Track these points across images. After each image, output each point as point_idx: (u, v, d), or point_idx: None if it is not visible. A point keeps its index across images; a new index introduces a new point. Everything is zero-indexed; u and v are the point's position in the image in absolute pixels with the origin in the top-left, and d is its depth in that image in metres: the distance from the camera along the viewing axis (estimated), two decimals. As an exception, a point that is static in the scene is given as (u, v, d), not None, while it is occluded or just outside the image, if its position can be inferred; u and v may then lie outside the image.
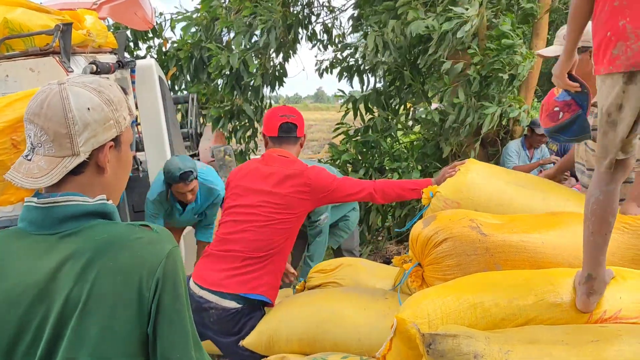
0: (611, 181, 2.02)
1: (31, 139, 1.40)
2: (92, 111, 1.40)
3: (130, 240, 1.38)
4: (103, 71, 3.34)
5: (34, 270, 1.36)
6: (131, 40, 7.38)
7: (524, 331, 2.01)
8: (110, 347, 1.33)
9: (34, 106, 1.39)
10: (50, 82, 1.43)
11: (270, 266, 3.06)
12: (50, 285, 1.34)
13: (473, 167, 2.95)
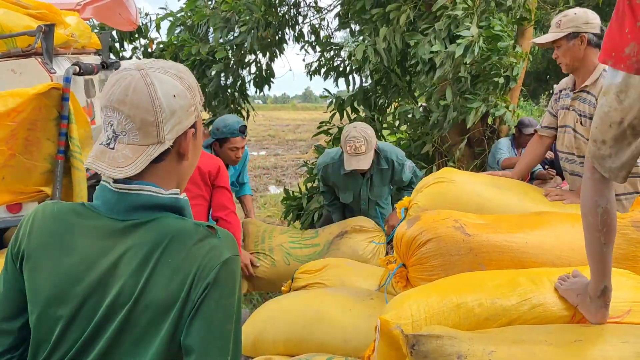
0: (611, 188, 1.95)
1: (113, 127, 1.36)
2: (178, 98, 1.39)
3: (191, 241, 1.36)
4: (86, 72, 3.32)
5: (100, 253, 1.37)
6: (116, 41, 7.33)
7: (508, 331, 2.01)
8: (147, 348, 1.33)
9: (117, 93, 1.35)
10: (127, 68, 1.40)
11: None
12: (111, 271, 1.35)
13: (448, 175, 2.96)
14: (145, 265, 1.34)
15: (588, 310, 2.04)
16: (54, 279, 1.38)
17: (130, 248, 1.36)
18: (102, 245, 1.38)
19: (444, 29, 5.57)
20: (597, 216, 1.94)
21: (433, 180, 2.98)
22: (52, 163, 2.97)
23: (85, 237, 1.39)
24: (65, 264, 1.38)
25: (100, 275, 1.35)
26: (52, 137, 2.91)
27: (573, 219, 2.61)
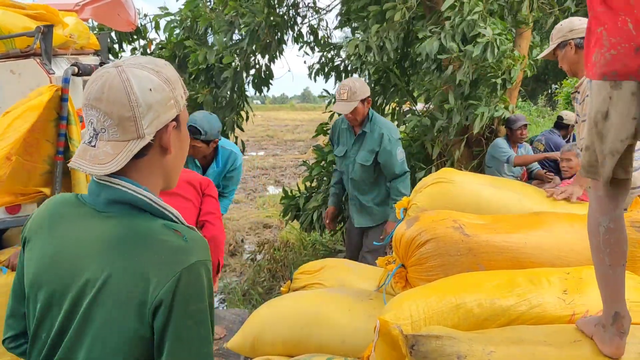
0: (617, 206, 1.87)
1: (93, 125, 1.37)
2: (154, 92, 1.39)
3: (156, 241, 1.37)
4: (85, 73, 3.31)
5: (75, 241, 1.40)
6: (115, 43, 7.33)
7: (507, 331, 2.01)
8: (106, 343, 1.34)
9: (94, 91, 1.37)
10: (106, 66, 1.41)
11: None
12: (81, 261, 1.38)
13: (447, 175, 2.96)
14: (109, 261, 1.35)
15: (602, 340, 1.90)
16: (37, 263, 1.44)
17: (99, 240, 1.38)
18: (78, 235, 1.41)
19: (458, 30, 5.56)
20: (599, 236, 1.87)
21: (432, 180, 2.98)
22: (51, 164, 2.98)
23: (68, 225, 1.44)
24: (47, 249, 1.43)
25: (71, 263, 1.39)
26: (51, 139, 2.91)
27: (572, 219, 2.61)
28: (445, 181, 2.94)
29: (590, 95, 1.88)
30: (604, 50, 1.78)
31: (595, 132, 1.82)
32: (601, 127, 1.81)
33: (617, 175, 1.83)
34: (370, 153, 4.55)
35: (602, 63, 1.78)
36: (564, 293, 2.18)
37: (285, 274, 6.75)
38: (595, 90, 1.83)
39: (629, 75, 1.75)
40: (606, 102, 1.79)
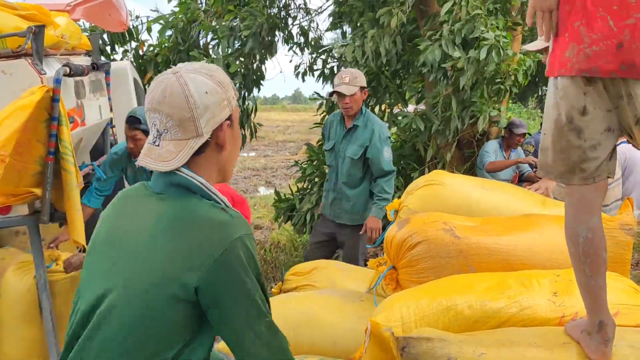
0: (593, 213, 1.86)
1: (157, 127, 1.54)
2: (209, 94, 1.55)
3: (203, 217, 1.51)
4: (76, 73, 3.31)
5: (132, 216, 1.59)
6: (107, 44, 7.30)
7: (497, 333, 2.02)
8: (149, 305, 1.46)
9: (156, 96, 1.52)
10: (165, 73, 1.57)
11: None
12: (133, 234, 1.54)
13: (438, 177, 2.97)
14: (159, 232, 1.50)
15: (588, 347, 1.91)
16: (98, 231, 1.67)
17: (151, 216, 1.54)
18: (135, 210, 1.60)
19: (462, 34, 5.56)
20: (579, 246, 1.87)
21: (423, 182, 2.99)
22: (42, 165, 2.96)
23: (129, 202, 1.65)
24: (108, 222, 1.66)
25: (124, 233, 1.57)
26: (42, 139, 2.90)
27: (562, 221, 2.61)
28: (436, 183, 2.95)
29: (555, 93, 1.86)
30: (584, 45, 1.77)
31: (570, 129, 1.82)
32: (578, 122, 1.80)
33: (594, 174, 1.84)
34: (360, 147, 4.54)
35: (582, 59, 1.77)
36: (554, 295, 2.20)
37: (276, 275, 6.74)
38: (566, 86, 1.81)
39: (611, 72, 1.76)
40: (581, 97, 1.79)
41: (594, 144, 1.81)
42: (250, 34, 6.65)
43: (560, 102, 1.83)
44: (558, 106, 1.84)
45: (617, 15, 1.73)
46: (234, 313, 1.49)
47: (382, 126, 4.62)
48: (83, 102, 3.68)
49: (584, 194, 1.86)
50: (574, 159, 1.84)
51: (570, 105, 1.80)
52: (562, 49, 1.83)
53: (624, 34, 1.73)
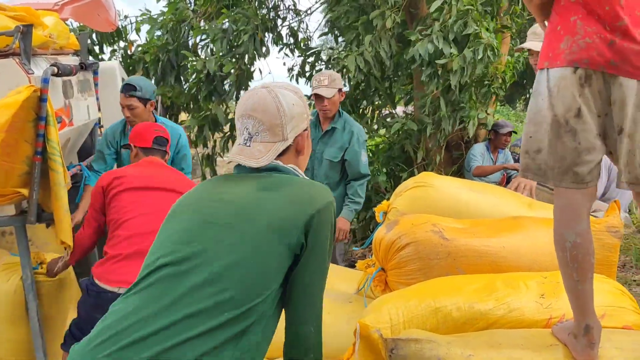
0: (582, 218, 1.87)
1: (249, 130, 1.77)
2: (295, 106, 1.80)
3: (302, 183, 1.74)
4: (64, 73, 3.29)
5: (235, 188, 1.74)
6: (96, 44, 7.26)
7: (485, 335, 2.03)
8: (259, 251, 1.61)
9: (250, 104, 1.77)
10: (255, 87, 1.85)
11: None
12: (240, 198, 1.70)
13: (427, 179, 2.99)
14: (263, 191, 1.69)
15: (575, 349, 1.92)
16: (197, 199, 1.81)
17: (254, 185, 1.71)
18: (236, 184, 1.76)
19: (454, 30, 5.56)
20: (566, 251, 1.88)
21: (412, 184, 3.00)
22: (30, 165, 2.94)
23: (226, 182, 1.80)
24: (210, 190, 1.81)
25: (224, 194, 1.72)
26: (29, 139, 2.88)
27: (549, 223, 2.61)
28: (425, 185, 2.96)
29: (547, 91, 1.86)
30: (578, 37, 1.80)
31: (566, 131, 1.82)
32: (574, 124, 1.81)
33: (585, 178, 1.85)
34: (340, 150, 4.51)
35: (575, 50, 1.80)
36: (542, 297, 2.21)
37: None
38: (560, 85, 1.82)
39: (601, 65, 1.78)
40: (576, 99, 1.80)
41: (588, 147, 1.83)
42: (248, 36, 6.64)
43: (554, 102, 1.83)
44: (553, 107, 1.84)
45: (610, 16, 1.77)
46: (316, 261, 1.67)
47: (360, 129, 4.62)
48: (71, 102, 3.66)
49: (573, 198, 1.87)
50: (568, 161, 1.84)
51: (566, 106, 1.81)
52: (557, 41, 1.85)
53: (616, 34, 1.77)
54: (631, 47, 1.78)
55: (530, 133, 1.92)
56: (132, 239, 3.02)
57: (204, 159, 7.38)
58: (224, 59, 6.72)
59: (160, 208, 3.03)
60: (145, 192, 3.15)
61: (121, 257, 3.01)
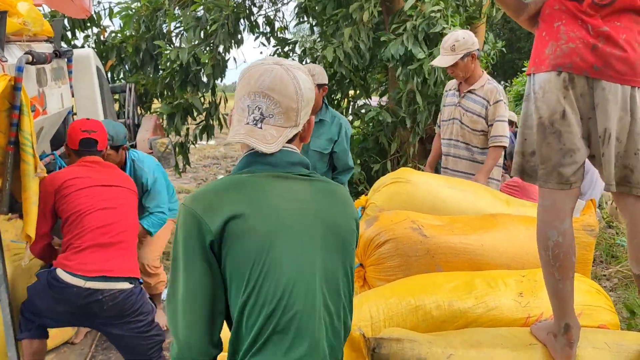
0: (565, 217, 1.89)
1: (261, 110, 1.62)
2: (310, 91, 1.67)
3: (341, 191, 1.76)
4: (39, 61, 3.22)
5: (290, 201, 1.62)
6: (68, 29, 7.14)
7: (465, 334, 2.05)
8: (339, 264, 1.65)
9: (267, 81, 1.61)
10: (265, 62, 1.67)
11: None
12: (301, 213, 1.62)
13: (405, 175, 2.99)
14: (330, 205, 1.68)
15: (553, 348, 1.95)
16: (263, 227, 1.62)
17: (315, 192, 1.67)
18: (286, 195, 1.63)
19: (420, 30, 5.59)
20: (549, 250, 1.90)
21: (390, 180, 3.00)
22: (3, 155, 2.88)
23: (271, 192, 1.62)
24: (266, 214, 1.62)
25: (296, 214, 1.62)
26: (3, 129, 2.81)
27: (527, 221, 2.66)
28: (402, 181, 2.96)
29: (533, 94, 1.90)
30: (562, 42, 1.84)
31: (551, 132, 1.86)
32: (559, 126, 1.84)
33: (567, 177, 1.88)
34: (329, 142, 4.49)
35: (558, 54, 1.83)
36: (520, 296, 2.23)
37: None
38: (545, 89, 1.85)
39: (583, 70, 1.82)
40: (561, 102, 1.83)
41: (572, 149, 1.86)
42: (217, 26, 6.60)
43: (539, 105, 1.87)
44: (538, 110, 1.87)
45: (594, 24, 1.81)
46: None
47: (347, 122, 4.60)
48: (45, 90, 3.58)
49: (556, 199, 1.90)
50: (553, 162, 1.87)
51: (551, 108, 1.84)
52: (541, 47, 1.89)
53: (599, 39, 1.81)
54: (613, 52, 1.81)
55: (525, 135, 1.95)
56: (102, 230, 3.19)
57: (177, 146, 7.33)
58: (197, 48, 6.67)
59: (119, 203, 3.35)
60: (101, 189, 3.33)
61: (95, 247, 3.15)
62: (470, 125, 4.28)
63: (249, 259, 1.51)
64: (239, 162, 1.72)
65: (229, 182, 1.63)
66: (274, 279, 1.51)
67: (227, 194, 1.58)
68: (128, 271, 3.20)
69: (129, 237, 3.32)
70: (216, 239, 1.52)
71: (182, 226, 1.56)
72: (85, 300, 3.09)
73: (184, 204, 1.58)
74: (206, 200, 1.57)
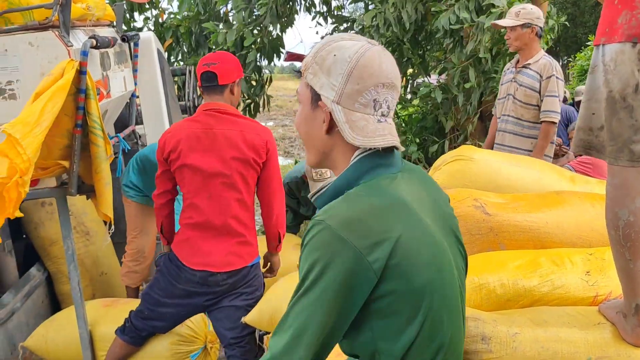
0: (637, 193, 1.79)
1: (388, 103, 1.46)
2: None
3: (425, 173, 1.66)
4: (103, 45, 3.29)
5: (431, 208, 1.52)
6: (127, 12, 7.29)
7: (531, 313, 2.01)
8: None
9: (390, 69, 1.44)
10: (368, 45, 1.45)
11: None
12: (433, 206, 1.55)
13: (466, 153, 2.95)
14: (439, 199, 1.61)
15: (624, 329, 1.88)
16: (423, 259, 1.52)
17: (429, 188, 1.59)
18: (419, 198, 1.51)
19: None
20: (619, 230, 1.81)
21: (451, 158, 2.97)
22: (70, 138, 2.97)
23: (414, 209, 1.45)
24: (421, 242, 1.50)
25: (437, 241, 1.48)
26: (69, 112, 2.90)
27: (593, 198, 2.60)
28: (464, 159, 2.92)
29: (603, 67, 1.81)
30: (637, 11, 1.73)
31: (622, 107, 1.76)
32: (631, 100, 1.75)
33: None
34: None
35: (634, 24, 1.73)
36: (587, 274, 2.18)
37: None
38: (617, 60, 1.76)
39: None
40: (635, 74, 1.74)
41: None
42: (267, 9, 6.62)
43: (610, 78, 1.78)
44: (608, 83, 1.79)
45: None
46: None
47: None
48: (108, 74, 3.67)
49: (627, 176, 1.82)
50: (624, 138, 1.78)
51: (624, 81, 1.75)
52: (613, 16, 1.79)
53: None
54: None
55: (593, 110, 1.86)
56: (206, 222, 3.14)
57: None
58: (246, 29, 6.71)
59: (221, 195, 3.14)
60: (204, 178, 3.14)
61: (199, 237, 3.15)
62: (523, 99, 4.34)
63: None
64: (354, 171, 1.47)
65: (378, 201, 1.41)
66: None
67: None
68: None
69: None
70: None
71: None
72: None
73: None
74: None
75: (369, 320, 1.38)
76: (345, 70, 1.42)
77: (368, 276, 1.32)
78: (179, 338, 3.50)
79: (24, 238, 4.78)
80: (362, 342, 1.42)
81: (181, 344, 3.51)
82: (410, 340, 1.36)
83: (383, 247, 1.32)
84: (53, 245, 4.53)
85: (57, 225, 3.91)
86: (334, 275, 1.32)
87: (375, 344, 1.39)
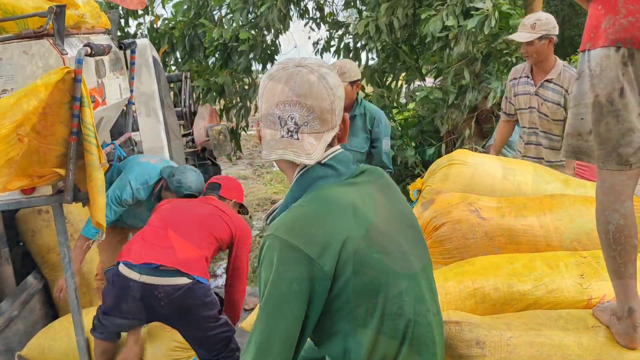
0: (626, 199, 1.81)
1: (295, 120, 1.50)
2: (339, 87, 1.56)
3: (388, 177, 1.72)
4: (97, 53, 3.29)
5: (386, 218, 1.57)
6: (121, 17, 7.28)
7: (525, 317, 2.02)
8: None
9: (297, 88, 1.49)
10: (286, 66, 1.54)
11: None
12: (399, 229, 1.61)
13: (461, 157, 2.96)
14: (393, 196, 1.65)
15: (617, 332, 1.89)
16: (376, 255, 1.58)
17: (379, 190, 1.62)
18: (384, 209, 1.59)
19: (458, 4, 5.52)
20: (609, 234, 1.83)
21: (446, 162, 2.98)
22: (65, 146, 2.97)
23: (363, 195, 1.56)
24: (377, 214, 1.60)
25: (394, 235, 1.57)
26: (65, 121, 2.90)
27: (587, 201, 2.60)
28: (459, 163, 2.93)
29: (589, 72, 1.82)
30: (620, 16, 1.74)
31: (610, 111, 1.78)
32: (618, 105, 1.76)
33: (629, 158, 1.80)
34: (365, 140, 4.33)
35: (617, 29, 1.74)
36: (581, 277, 2.19)
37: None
38: (602, 65, 1.77)
39: None
40: (619, 79, 1.75)
41: (631, 128, 1.77)
42: (266, 8, 6.63)
43: (596, 82, 1.79)
44: (594, 88, 1.79)
45: None
46: None
47: (383, 114, 4.46)
48: (103, 81, 3.67)
49: (616, 180, 1.83)
50: (612, 142, 1.80)
51: (609, 86, 1.76)
52: (597, 21, 1.80)
53: None
54: None
55: (581, 115, 1.86)
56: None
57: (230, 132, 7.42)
58: (242, 29, 6.73)
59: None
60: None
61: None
62: (550, 115, 4.25)
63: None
64: (297, 186, 1.57)
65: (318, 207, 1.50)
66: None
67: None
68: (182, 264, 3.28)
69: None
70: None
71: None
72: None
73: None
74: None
75: (332, 320, 1.45)
76: (261, 93, 1.56)
77: (321, 278, 1.40)
78: (176, 344, 3.51)
79: (20, 246, 4.77)
80: (332, 343, 1.49)
81: (179, 350, 3.51)
82: (375, 329, 1.44)
83: (331, 250, 1.40)
84: (50, 252, 4.52)
85: (53, 232, 3.90)
86: (289, 283, 1.40)
87: (344, 341, 1.46)
